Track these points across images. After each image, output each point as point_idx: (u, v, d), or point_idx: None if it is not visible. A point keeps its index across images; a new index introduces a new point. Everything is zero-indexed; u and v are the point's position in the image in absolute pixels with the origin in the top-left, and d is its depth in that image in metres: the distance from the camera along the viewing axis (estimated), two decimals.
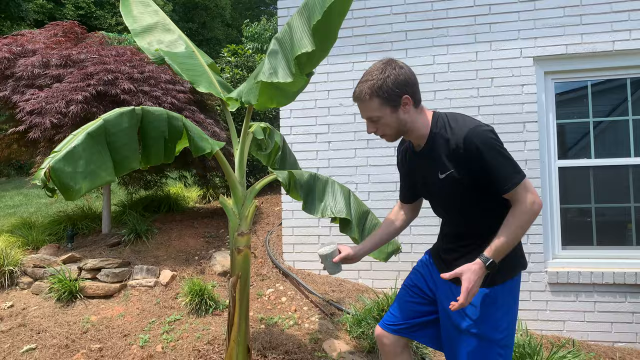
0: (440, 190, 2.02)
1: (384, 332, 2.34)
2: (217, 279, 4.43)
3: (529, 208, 1.85)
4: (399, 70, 1.92)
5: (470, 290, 1.84)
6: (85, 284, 4.28)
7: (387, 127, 1.99)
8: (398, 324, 2.31)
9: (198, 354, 3.31)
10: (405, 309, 2.31)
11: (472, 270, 1.85)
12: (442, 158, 1.96)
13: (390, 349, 2.36)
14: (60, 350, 3.55)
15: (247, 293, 2.78)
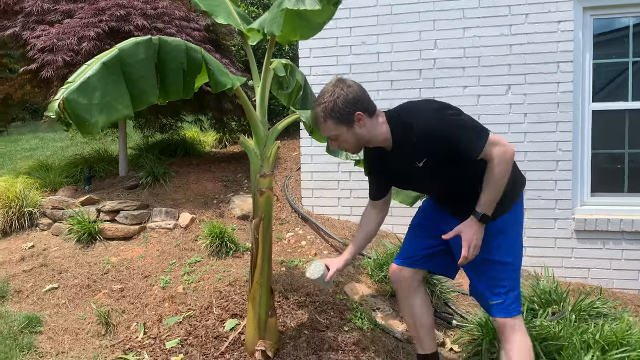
0: (424, 177, 2.17)
1: (398, 266, 2.50)
2: (236, 222, 4.39)
3: (502, 159, 1.99)
4: (347, 90, 2.05)
5: (471, 243, 2.06)
6: (104, 225, 4.26)
7: (346, 143, 2.15)
8: (409, 256, 2.48)
9: (219, 295, 3.30)
10: (414, 244, 2.49)
11: (468, 225, 2.08)
12: (412, 151, 2.09)
13: (406, 285, 2.47)
14: (82, 290, 3.56)
15: (270, 235, 2.71)
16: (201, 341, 2.83)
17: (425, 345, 2.51)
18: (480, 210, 2.06)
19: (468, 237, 2.06)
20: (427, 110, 2.07)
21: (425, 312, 2.50)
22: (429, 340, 2.51)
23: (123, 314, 3.27)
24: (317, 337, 2.88)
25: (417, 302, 2.48)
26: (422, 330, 2.49)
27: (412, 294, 2.47)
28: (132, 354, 2.81)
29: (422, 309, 2.48)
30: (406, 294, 2.48)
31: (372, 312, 3.12)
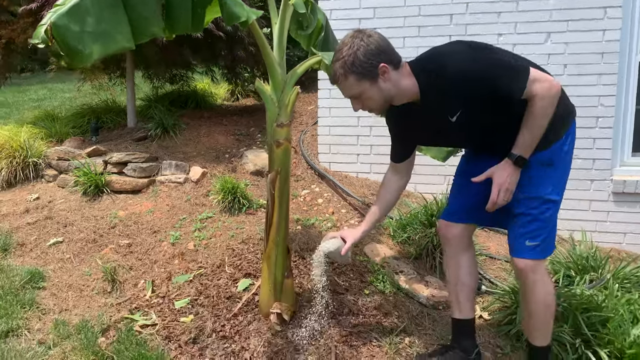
0: (458, 131, 1.96)
1: (445, 222, 2.27)
2: (249, 178, 4.17)
3: (545, 95, 1.74)
4: (367, 40, 1.81)
5: (502, 187, 1.85)
6: (112, 178, 4.07)
7: (371, 101, 1.91)
8: (455, 211, 2.26)
9: (232, 252, 3.10)
10: (458, 198, 2.26)
11: (501, 168, 1.87)
12: (444, 104, 1.87)
13: (455, 242, 2.25)
14: (88, 244, 3.39)
15: (287, 191, 2.48)
16: (212, 301, 2.65)
17: (464, 309, 2.29)
18: (516, 151, 1.84)
19: (499, 180, 1.86)
20: (457, 53, 1.83)
21: (470, 274, 2.29)
22: (469, 305, 2.30)
23: (130, 271, 3.10)
24: (336, 301, 2.69)
25: (465, 262, 2.27)
26: (463, 293, 2.28)
27: (460, 252, 2.26)
28: (139, 313, 2.64)
29: (468, 270, 2.28)
30: (454, 251, 2.27)
31: (395, 275, 2.91)
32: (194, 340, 2.41)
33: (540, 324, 2.08)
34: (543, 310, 2.04)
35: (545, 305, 2.02)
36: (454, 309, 2.32)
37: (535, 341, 2.12)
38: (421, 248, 3.07)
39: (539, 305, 2.02)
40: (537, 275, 1.96)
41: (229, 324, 2.50)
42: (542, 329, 2.09)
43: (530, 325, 2.12)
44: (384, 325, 2.57)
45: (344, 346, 2.39)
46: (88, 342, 2.38)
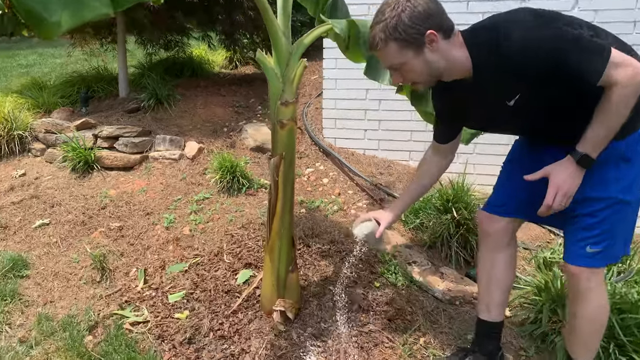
0: (513, 118, 1.68)
1: (488, 214, 1.99)
2: (249, 154, 3.90)
3: (629, 84, 1.42)
4: (415, 1, 1.52)
5: (560, 190, 1.56)
6: (102, 153, 3.80)
7: (413, 74, 1.63)
8: (501, 204, 1.96)
9: (231, 239, 2.87)
10: (507, 189, 1.97)
11: (561, 167, 1.57)
12: (501, 84, 1.59)
13: (495, 238, 1.99)
14: (76, 227, 3.16)
15: (292, 177, 2.23)
16: (209, 296, 2.43)
17: (494, 311, 2.04)
18: (582, 149, 1.53)
19: (557, 181, 1.56)
20: (519, 22, 1.51)
21: (508, 274, 2.03)
22: (500, 307, 2.05)
23: (121, 257, 2.87)
24: (344, 295, 2.47)
25: (502, 260, 2.01)
26: (497, 293, 2.03)
27: (499, 249, 2.00)
28: (130, 308, 2.42)
29: (505, 268, 2.02)
30: (493, 247, 2.00)
31: (408, 266, 2.69)
32: (190, 340, 2.20)
33: (588, 338, 1.83)
34: (592, 324, 1.79)
35: (595, 318, 1.77)
36: (481, 308, 2.07)
37: (576, 354, 1.88)
38: (436, 236, 2.84)
39: (589, 318, 1.77)
40: (591, 284, 1.70)
41: (227, 322, 2.28)
42: (589, 344, 1.84)
43: (574, 338, 1.87)
44: (397, 323, 2.36)
45: (353, 348, 2.18)
46: (74, 342, 2.17)
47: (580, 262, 1.71)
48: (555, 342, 2.21)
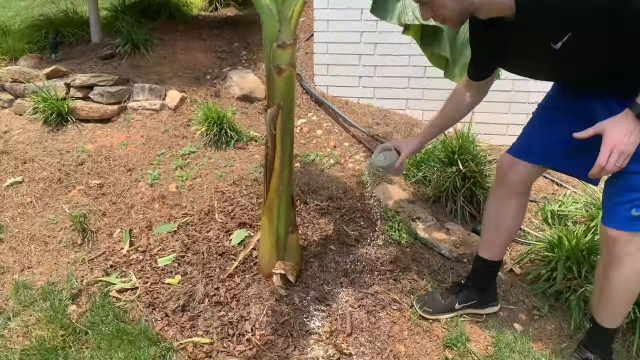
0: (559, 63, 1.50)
1: (513, 158, 1.87)
2: (235, 104, 3.65)
3: None
4: None
5: (616, 148, 1.38)
6: (76, 104, 3.50)
7: (444, 9, 1.46)
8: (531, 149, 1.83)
9: (222, 196, 2.68)
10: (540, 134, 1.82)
11: (618, 123, 1.39)
12: (549, 24, 1.40)
13: (513, 185, 1.88)
14: (52, 185, 2.91)
15: (292, 129, 2.01)
16: (202, 259, 2.26)
17: (495, 252, 2.01)
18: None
19: (613, 139, 1.39)
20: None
21: (517, 219, 1.96)
22: (501, 249, 2.02)
23: (103, 217, 2.66)
24: (346, 255, 2.33)
25: (514, 206, 1.92)
26: (502, 237, 1.98)
27: (515, 195, 1.90)
28: (116, 274, 2.24)
29: (514, 216, 1.94)
30: (508, 192, 1.90)
31: (411, 223, 2.54)
32: (183, 307, 2.04)
33: (617, 304, 1.71)
34: (625, 291, 1.66)
35: (629, 285, 1.64)
36: (483, 247, 2.03)
37: (603, 321, 1.76)
38: (440, 190, 2.68)
39: (622, 284, 1.64)
40: (629, 249, 1.56)
41: (223, 286, 2.12)
42: (618, 310, 1.73)
43: (601, 302, 1.75)
44: (403, 283, 2.23)
45: (360, 312, 2.05)
46: (55, 313, 1.99)
47: (621, 225, 1.56)
48: (570, 300, 2.11)
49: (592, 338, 1.85)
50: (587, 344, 1.84)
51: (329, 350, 1.90)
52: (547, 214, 2.70)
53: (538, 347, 1.98)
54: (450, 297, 2.07)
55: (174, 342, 1.90)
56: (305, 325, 1.97)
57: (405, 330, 2.01)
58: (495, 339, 1.98)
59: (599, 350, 1.81)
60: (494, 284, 2.11)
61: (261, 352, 1.87)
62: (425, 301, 2.08)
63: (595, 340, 1.83)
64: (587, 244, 2.19)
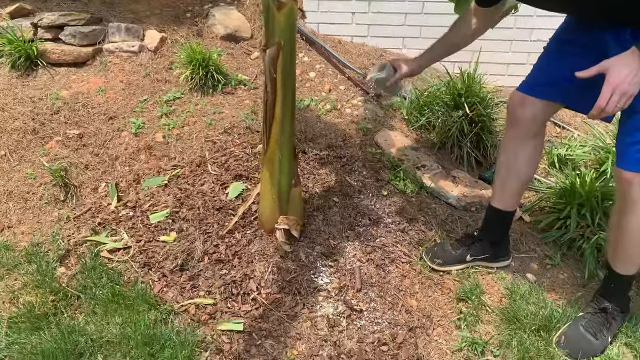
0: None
1: (522, 95, 1.76)
2: (220, 44, 3.38)
3: None
4: None
5: (618, 88, 1.30)
6: (46, 47, 3.20)
7: None
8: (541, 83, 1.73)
9: (213, 146, 2.50)
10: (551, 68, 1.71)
11: (623, 62, 1.32)
12: None
13: (525, 125, 1.77)
14: (27, 136, 2.68)
15: (294, 73, 1.83)
16: (198, 214, 2.12)
17: (508, 200, 1.91)
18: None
19: (615, 79, 1.31)
20: None
21: (530, 166, 1.87)
22: (515, 197, 1.92)
23: (86, 171, 2.47)
24: (350, 207, 2.21)
25: (528, 151, 1.82)
26: (515, 185, 1.88)
27: (527, 138, 1.79)
28: (106, 232, 2.08)
29: (529, 161, 1.85)
30: (521, 135, 1.79)
31: (416, 171, 2.42)
32: (182, 267, 1.92)
33: (633, 250, 1.65)
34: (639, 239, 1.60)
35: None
36: (495, 196, 1.94)
37: (618, 267, 1.71)
38: (446, 136, 2.55)
39: (638, 228, 1.57)
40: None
41: (223, 243, 2.00)
42: (633, 257, 1.67)
43: (617, 249, 1.69)
44: (410, 234, 2.14)
45: (369, 266, 1.96)
46: (43, 277, 1.85)
47: (635, 167, 1.49)
48: (583, 248, 2.05)
49: (608, 286, 1.80)
50: (603, 293, 1.80)
51: (339, 306, 1.82)
52: (553, 158, 2.60)
53: (552, 298, 1.93)
54: (461, 249, 1.99)
55: (174, 304, 1.79)
56: (313, 281, 1.88)
57: (416, 284, 1.93)
58: (509, 291, 1.92)
59: (616, 299, 1.77)
60: (507, 237, 2.02)
61: (268, 311, 1.78)
62: (435, 252, 2.00)
63: (611, 289, 1.78)
64: (600, 190, 2.11)
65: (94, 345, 1.63)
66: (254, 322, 1.75)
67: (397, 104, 2.87)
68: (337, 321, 1.77)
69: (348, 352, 1.70)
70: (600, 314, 1.75)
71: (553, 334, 1.75)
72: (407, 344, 1.74)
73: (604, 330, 1.73)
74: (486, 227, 2.00)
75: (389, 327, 1.78)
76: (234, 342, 1.69)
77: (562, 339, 1.72)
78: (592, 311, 1.77)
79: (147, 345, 1.61)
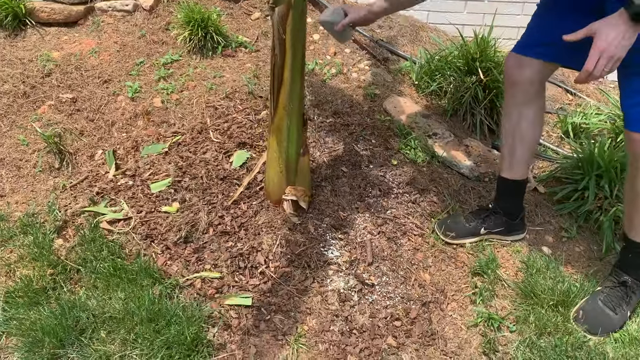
0: None
1: (517, 56, 1.73)
2: (219, 4, 3.21)
3: None
4: None
5: (605, 52, 1.27)
6: (34, 4, 3.02)
7: None
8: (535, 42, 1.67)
9: (215, 112, 2.39)
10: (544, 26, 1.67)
11: (610, 24, 1.28)
12: None
13: (524, 87, 1.72)
14: (17, 100, 2.55)
15: (304, 34, 1.71)
16: (202, 184, 2.02)
17: (517, 169, 1.85)
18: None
19: (602, 42, 1.28)
20: None
21: (535, 129, 1.82)
22: (523, 166, 1.85)
23: (81, 137, 2.36)
24: (359, 177, 2.12)
25: (531, 114, 1.77)
26: (522, 150, 1.81)
27: (528, 101, 1.75)
28: (104, 202, 1.99)
29: (532, 124, 1.79)
30: (520, 99, 1.75)
31: (427, 140, 2.32)
32: (186, 239, 1.83)
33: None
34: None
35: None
36: (503, 166, 1.88)
37: (632, 234, 1.67)
38: (459, 103, 2.44)
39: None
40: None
41: (228, 214, 1.91)
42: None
43: (633, 216, 1.65)
44: (422, 206, 2.06)
45: (380, 239, 1.89)
46: (40, 249, 1.76)
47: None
48: (600, 220, 1.98)
49: (626, 258, 1.75)
50: (621, 266, 1.75)
51: (350, 281, 1.76)
52: (567, 127, 2.51)
53: (569, 272, 1.87)
54: (475, 221, 1.92)
55: (179, 278, 1.71)
56: (322, 255, 1.80)
57: (429, 257, 1.87)
58: (525, 265, 1.86)
59: (635, 271, 1.72)
60: (522, 209, 1.95)
61: (277, 285, 1.71)
62: (448, 225, 1.93)
63: (629, 261, 1.74)
64: (620, 160, 2.04)
65: (96, 321, 1.56)
66: (262, 296, 1.68)
67: (406, 69, 2.75)
68: (349, 296, 1.71)
69: (360, 328, 1.65)
70: (619, 288, 1.71)
71: (571, 309, 1.70)
72: (420, 319, 1.69)
73: (623, 304, 1.69)
74: (499, 198, 1.93)
75: (402, 301, 1.73)
76: (242, 317, 1.63)
77: (581, 314, 1.68)
78: (611, 285, 1.72)
79: (152, 322, 1.54)
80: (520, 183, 1.88)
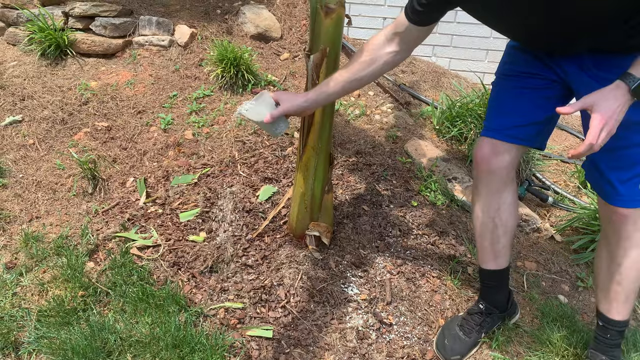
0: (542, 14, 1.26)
1: (491, 141, 1.56)
2: (250, 43, 3.37)
3: None
4: None
5: (606, 125, 1.18)
6: (77, 36, 3.20)
7: None
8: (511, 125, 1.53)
9: (243, 147, 2.48)
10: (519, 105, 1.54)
11: (610, 95, 1.19)
12: None
13: (500, 175, 1.57)
14: (56, 126, 2.69)
15: None
16: (228, 216, 2.10)
17: (501, 258, 1.70)
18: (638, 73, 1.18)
19: (606, 114, 1.18)
20: None
21: (513, 214, 1.66)
22: (508, 251, 1.72)
23: (114, 164, 2.47)
24: (380, 216, 2.18)
25: (508, 200, 1.62)
26: (504, 238, 1.66)
27: (504, 187, 1.60)
28: (135, 229, 2.07)
29: (510, 209, 1.64)
30: (497, 186, 1.59)
31: (447, 183, 2.39)
32: (211, 269, 1.90)
33: (630, 286, 1.54)
34: (636, 276, 1.51)
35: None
36: (486, 258, 1.71)
37: (612, 313, 1.59)
38: None
39: (632, 268, 1.49)
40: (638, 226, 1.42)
41: (252, 247, 1.98)
42: (630, 295, 1.56)
43: (610, 291, 1.56)
44: (441, 248, 2.11)
45: (399, 278, 1.93)
46: (73, 271, 1.84)
47: (633, 203, 1.42)
48: None
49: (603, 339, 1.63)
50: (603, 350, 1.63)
51: (369, 319, 1.80)
52: (584, 178, 2.56)
53: (585, 322, 1.89)
54: (473, 332, 1.75)
55: (203, 306, 1.77)
56: (342, 292, 1.85)
57: (447, 300, 1.90)
58: (541, 312, 1.88)
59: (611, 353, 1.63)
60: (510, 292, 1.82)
61: (297, 320, 1.76)
62: (449, 347, 1.73)
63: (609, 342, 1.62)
64: None
65: (123, 344, 1.61)
66: (283, 329, 1.73)
67: (428, 113, 2.84)
68: (367, 334, 1.75)
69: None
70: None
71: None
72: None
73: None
74: (487, 294, 1.78)
75: (419, 342, 1.76)
76: (263, 349, 1.67)
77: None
78: None
79: (177, 347, 1.59)
80: (507, 270, 1.74)
